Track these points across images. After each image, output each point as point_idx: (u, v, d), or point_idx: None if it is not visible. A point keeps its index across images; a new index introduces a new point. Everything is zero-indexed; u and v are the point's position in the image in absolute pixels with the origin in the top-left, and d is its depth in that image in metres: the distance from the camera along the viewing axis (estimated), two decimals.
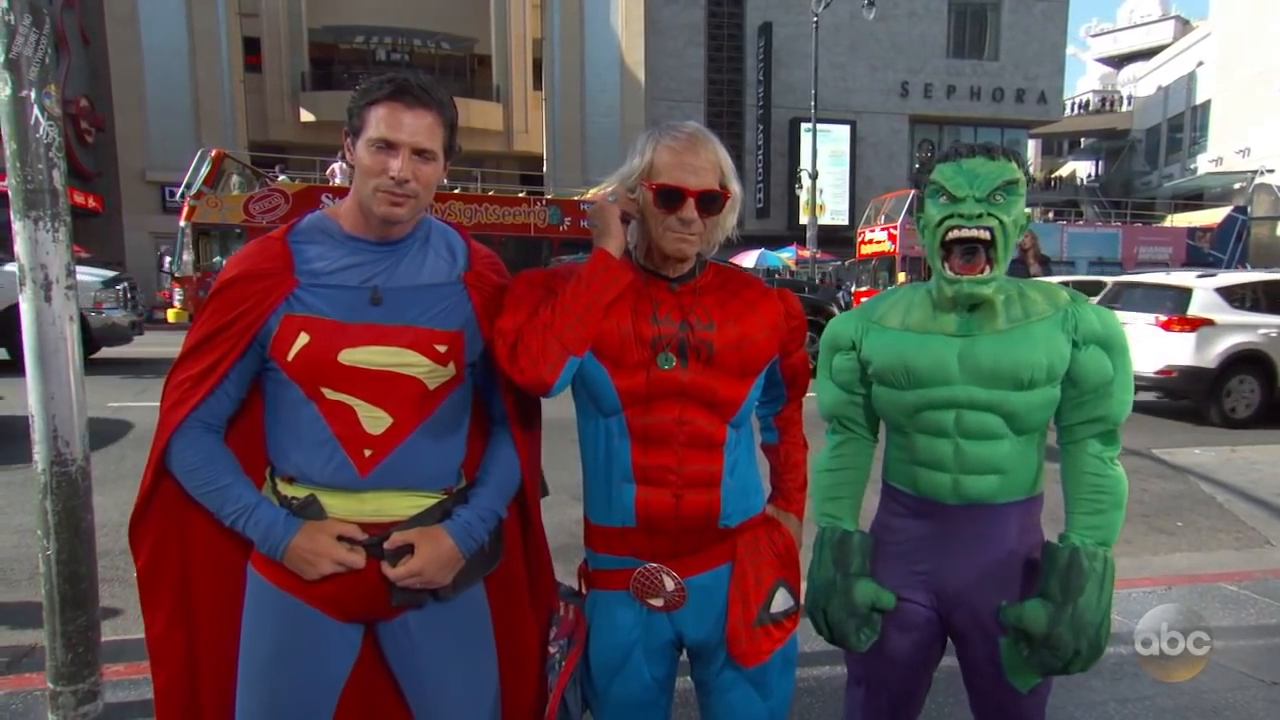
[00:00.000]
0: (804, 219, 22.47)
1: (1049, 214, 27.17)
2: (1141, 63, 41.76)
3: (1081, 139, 44.35)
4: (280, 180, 16.64)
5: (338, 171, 16.40)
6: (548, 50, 28.59)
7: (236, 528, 1.42)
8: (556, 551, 1.73)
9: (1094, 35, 48.33)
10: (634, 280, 1.50)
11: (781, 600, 1.55)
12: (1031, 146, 39.72)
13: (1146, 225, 26.27)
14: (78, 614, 2.33)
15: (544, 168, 28.91)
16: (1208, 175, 32.53)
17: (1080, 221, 27.42)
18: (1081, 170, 44.49)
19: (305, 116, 28.60)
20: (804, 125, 25.06)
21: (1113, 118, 41.46)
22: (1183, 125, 36.08)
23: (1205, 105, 33.89)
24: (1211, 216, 26.08)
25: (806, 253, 21.26)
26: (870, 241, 22.32)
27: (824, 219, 26.28)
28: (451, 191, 17.74)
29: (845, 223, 29.04)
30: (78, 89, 22.05)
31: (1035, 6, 31.81)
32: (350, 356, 1.40)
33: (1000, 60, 31.88)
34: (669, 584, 1.51)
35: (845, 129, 29.86)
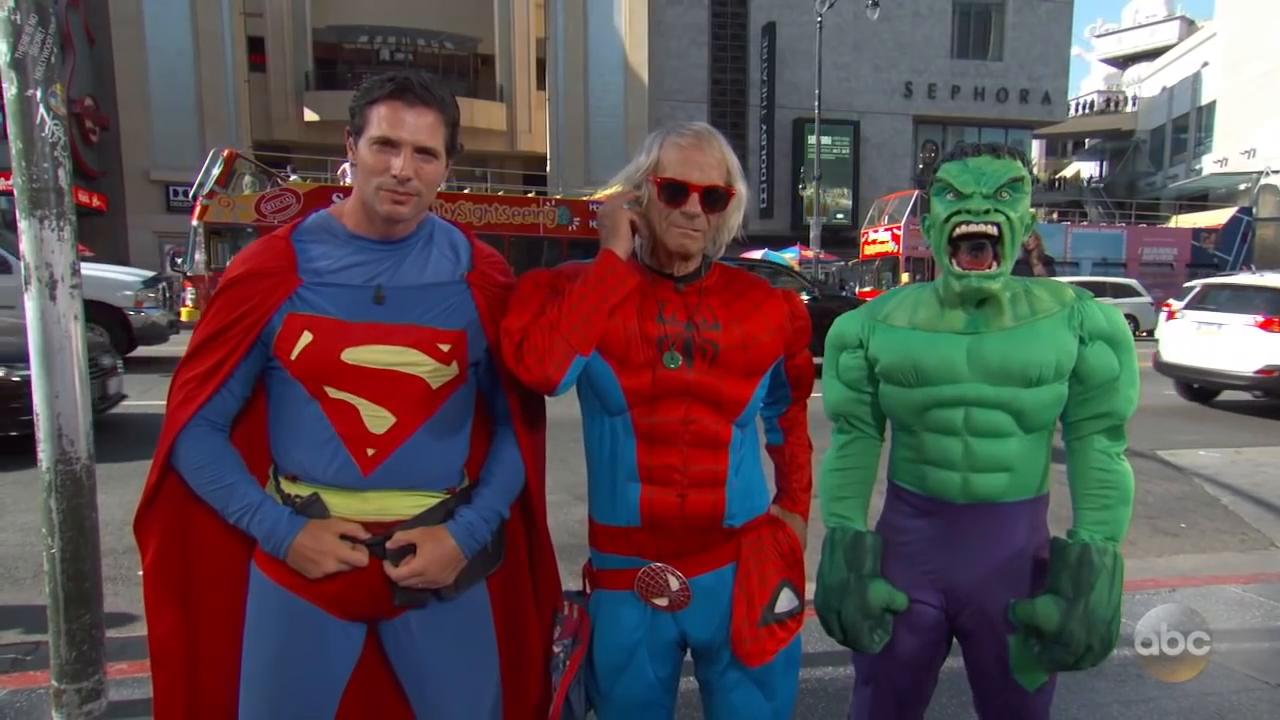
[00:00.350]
0: (809, 219, 22.45)
1: (1053, 215, 27.19)
2: (1146, 63, 41.72)
3: (1086, 140, 44.28)
4: (292, 180, 16.65)
5: (349, 171, 16.30)
6: (551, 50, 28.63)
7: (241, 525, 1.43)
8: (559, 551, 1.73)
9: (1099, 36, 48.28)
10: (640, 280, 1.49)
11: (786, 600, 1.55)
12: (1036, 147, 39.69)
13: (1151, 226, 26.24)
14: (82, 612, 2.33)
15: (547, 168, 28.95)
16: (1213, 176, 32.46)
17: (1085, 222, 27.45)
18: (1086, 171, 44.43)
19: (309, 116, 28.64)
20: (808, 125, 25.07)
21: (1117, 118, 41.41)
22: (1188, 126, 36.00)
23: (1210, 106, 33.80)
24: (1216, 217, 26.04)
25: (810, 253, 21.25)
26: (874, 242, 22.33)
27: (826, 219, 26.25)
28: (460, 191, 17.75)
29: (848, 223, 29.05)
30: (82, 88, 22.12)
31: (1040, 7, 31.76)
32: (353, 355, 1.40)
33: (1004, 61, 31.83)
34: (673, 584, 1.51)
35: (848, 129, 29.87)
